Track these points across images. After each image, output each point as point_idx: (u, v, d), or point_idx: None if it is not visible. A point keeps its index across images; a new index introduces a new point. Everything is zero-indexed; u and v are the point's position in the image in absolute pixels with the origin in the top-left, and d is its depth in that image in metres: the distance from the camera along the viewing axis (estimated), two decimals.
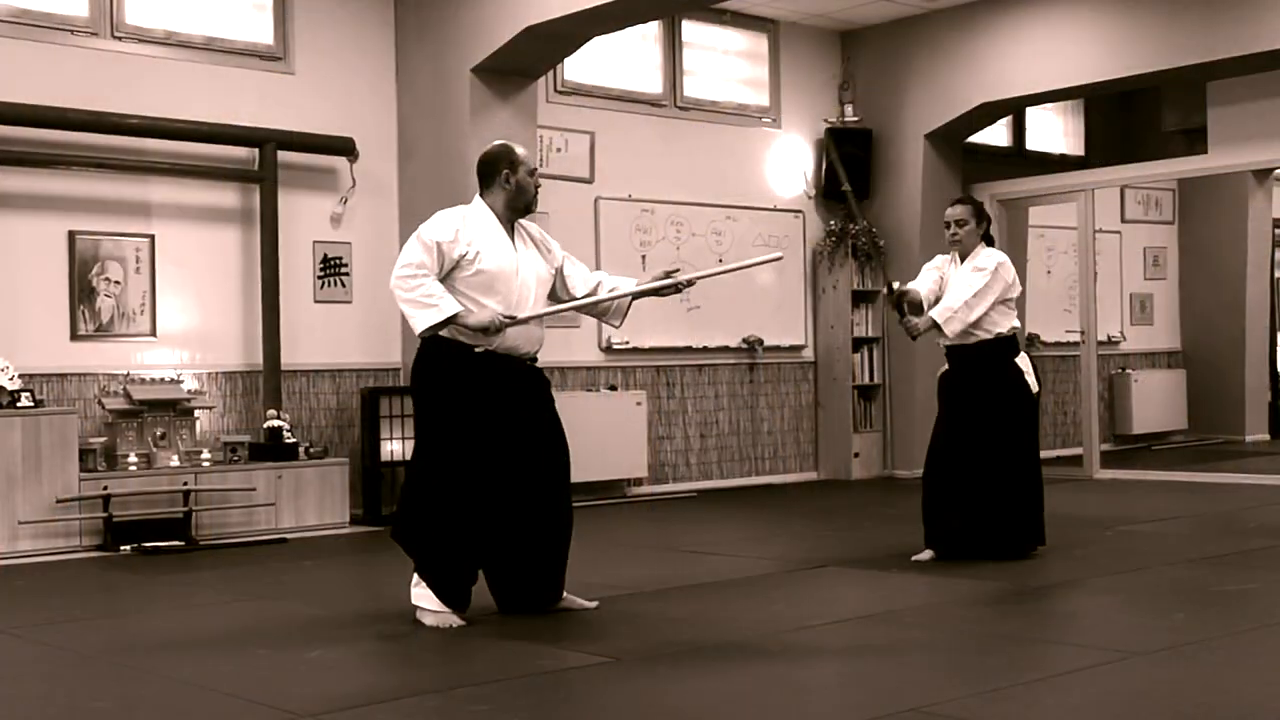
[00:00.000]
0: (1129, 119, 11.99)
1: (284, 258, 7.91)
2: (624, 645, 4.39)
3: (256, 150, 7.87)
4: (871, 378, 10.37)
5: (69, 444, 6.81)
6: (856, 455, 10.17)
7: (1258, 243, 12.15)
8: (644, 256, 9.39)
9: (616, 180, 9.31)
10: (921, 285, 6.12)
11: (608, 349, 9.25)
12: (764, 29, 10.20)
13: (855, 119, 10.37)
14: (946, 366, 6.19)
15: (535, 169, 4.87)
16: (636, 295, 4.91)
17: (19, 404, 6.75)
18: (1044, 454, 10.76)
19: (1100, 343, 10.48)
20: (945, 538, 5.94)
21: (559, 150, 9.02)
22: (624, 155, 9.34)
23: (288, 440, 7.64)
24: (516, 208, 4.80)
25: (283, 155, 7.91)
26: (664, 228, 9.51)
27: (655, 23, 9.45)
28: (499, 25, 7.73)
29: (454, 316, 4.55)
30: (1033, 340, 11.09)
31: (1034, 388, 6.02)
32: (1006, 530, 5.92)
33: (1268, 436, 12.26)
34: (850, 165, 10.22)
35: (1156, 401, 12.07)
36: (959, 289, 5.92)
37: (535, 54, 7.89)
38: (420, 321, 4.56)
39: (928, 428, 10.22)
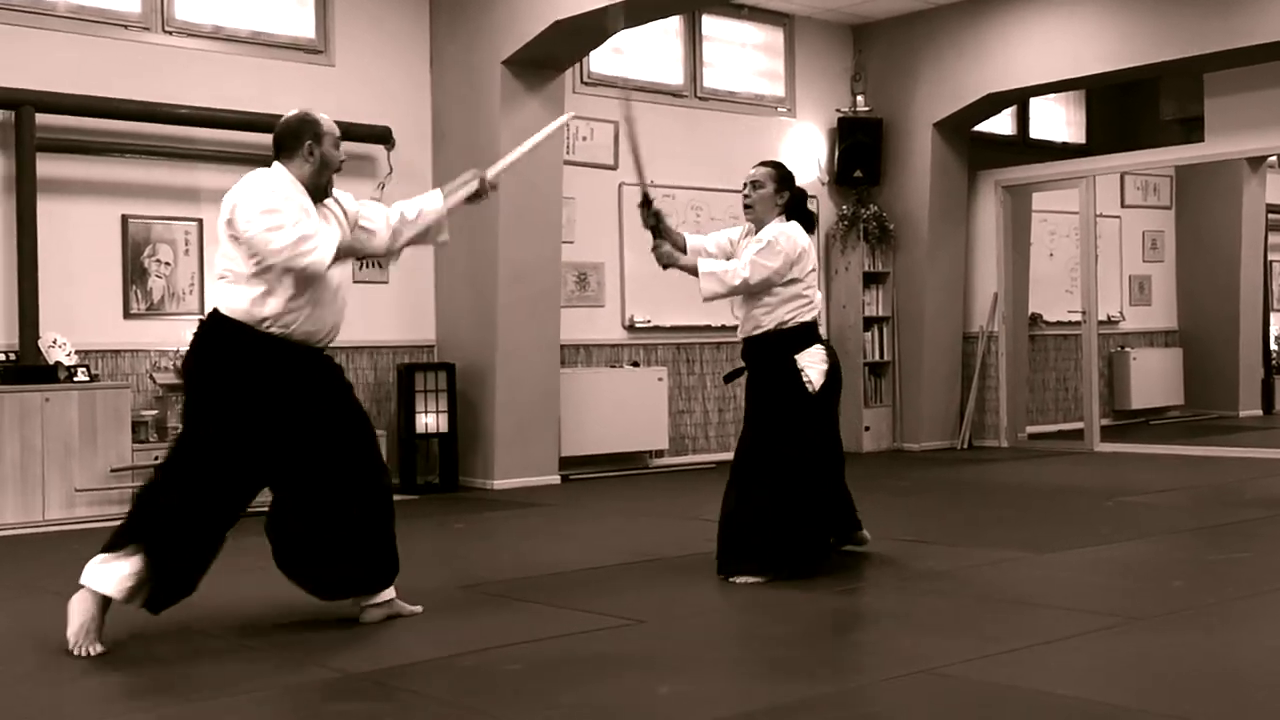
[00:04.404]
0: (1129, 108, 11.88)
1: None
2: (649, 607, 4.39)
3: None
4: (881, 355, 10.34)
5: (122, 416, 6.84)
6: (867, 429, 10.15)
7: (1252, 227, 12.05)
8: None
9: None
10: (703, 240, 5.14)
11: (631, 327, 9.23)
12: (780, 23, 10.13)
13: (866, 109, 10.30)
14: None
15: (340, 139, 4.19)
16: (452, 205, 4.37)
17: (76, 378, 6.78)
18: (1046, 429, 10.97)
19: (1100, 322, 10.41)
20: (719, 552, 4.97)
21: (585, 139, 8.98)
22: (646, 143, 9.20)
23: None
24: (319, 184, 4.13)
25: None
26: (684, 212, 9.47)
27: (677, 17, 9.40)
28: (529, 19, 7.69)
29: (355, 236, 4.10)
30: (1035, 320, 11.04)
31: (813, 385, 4.84)
32: (741, 539, 4.84)
33: (1261, 412, 12.18)
34: (860, 153, 10.21)
35: (1154, 378, 12.00)
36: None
37: (563, 47, 7.86)
38: (325, 252, 3.95)
39: (935, 403, 10.32)
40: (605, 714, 3.22)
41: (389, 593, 4.25)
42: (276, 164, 4.13)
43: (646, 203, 4.95)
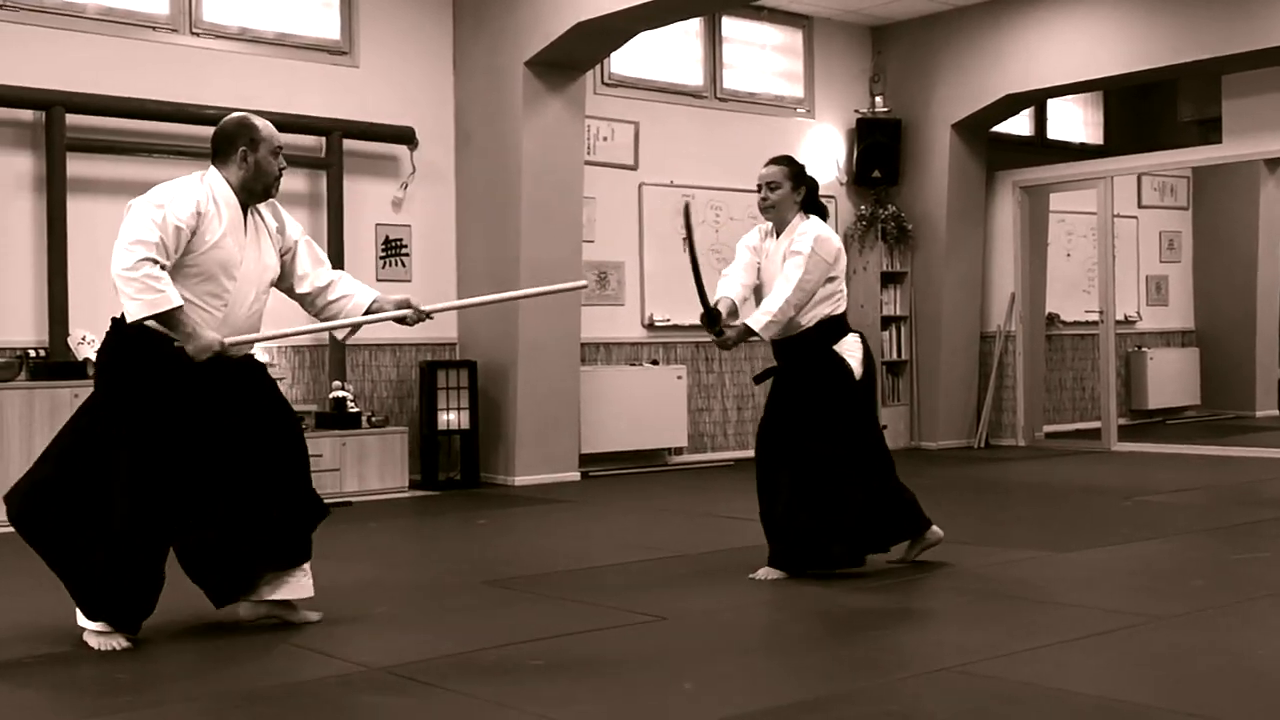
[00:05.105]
0: (1147, 109, 11.82)
1: (348, 239, 7.92)
2: (670, 604, 4.37)
3: (324, 139, 7.87)
4: (899, 354, 10.31)
5: None
6: (885, 427, 9.99)
7: (1269, 228, 11.96)
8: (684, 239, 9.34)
9: (659, 167, 9.27)
10: (734, 279, 4.93)
11: (650, 325, 9.22)
12: (799, 24, 10.11)
13: (885, 110, 10.27)
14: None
15: (280, 148, 4.02)
16: (369, 322, 4.20)
17: None
18: (1063, 428, 10.91)
19: (1118, 322, 10.35)
20: (782, 552, 4.81)
21: (605, 139, 8.98)
22: (666, 144, 9.30)
23: (351, 410, 7.67)
24: (254, 190, 3.97)
25: (348, 144, 7.92)
26: (704, 212, 9.45)
27: (697, 19, 9.38)
28: (551, 21, 7.69)
29: (175, 313, 3.71)
30: (1052, 319, 10.99)
31: (857, 372, 4.81)
32: (813, 536, 4.73)
33: (1277, 412, 12.08)
34: (879, 154, 10.17)
35: (1171, 378, 11.93)
36: (776, 285, 4.79)
37: (585, 48, 7.85)
38: (136, 308, 3.69)
39: (952, 402, 10.28)
40: (630, 709, 3.21)
41: (268, 592, 3.98)
42: (211, 168, 3.97)
43: (713, 320, 4.77)
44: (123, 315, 3.84)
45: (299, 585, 4.03)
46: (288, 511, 4.00)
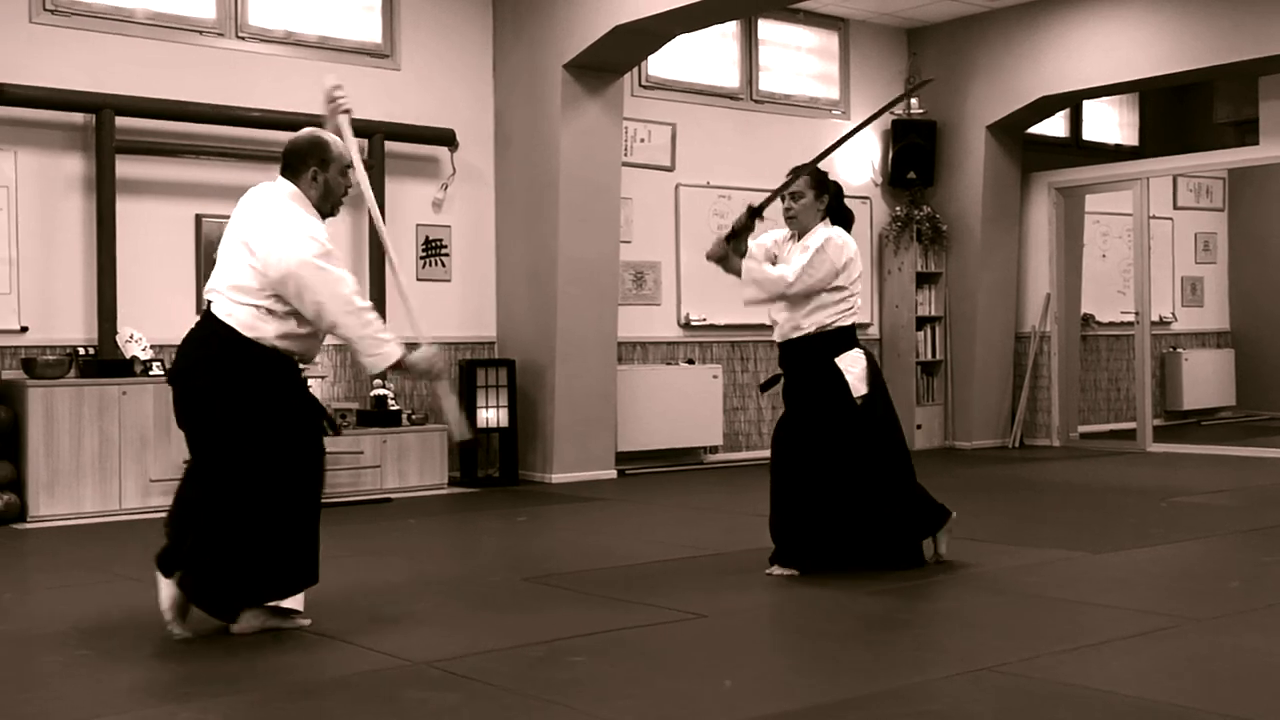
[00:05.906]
0: (1182, 111, 11.72)
1: (389, 240, 7.94)
2: (709, 602, 4.39)
3: (365, 141, 7.92)
4: (933, 354, 10.28)
5: None
6: (919, 427, 10.09)
7: None
8: None
9: (696, 168, 9.27)
10: (755, 244, 4.95)
11: (686, 325, 9.23)
12: (835, 27, 10.09)
13: (921, 111, 10.23)
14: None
15: (349, 165, 4.02)
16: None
17: (151, 372, 6.88)
18: (1098, 428, 10.84)
19: (1153, 323, 10.28)
20: (800, 552, 4.84)
21: (643, 140, 8.99)
22: (703, 145, 9.30)
23: (392, 408, 7.72)
24: (323, 209, 4.00)
25: (389, 145, 7.97)
26: (739, 212, 9.43)
27: (733, 21, 9.38)
28: (590, 24, 7.71)
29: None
30: (1087, 320, 10.92)
31: (858, 391, 4.76)
32: (864, 540, 4.85)
33: None
34: (914, 155, 10.14)
35: (1206, 379, 11.84)
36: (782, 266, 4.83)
37: (623, 51, 7.87)
38: (385, 358, 3.86)
39: (987, 402, 10.23)
40: (671, 706, 3.22)
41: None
42: (284, 181, 3.97)
43: (754, 215, 4.82)
44: (221, 325, 3.86)
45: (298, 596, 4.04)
46: (313, 533, 4.04)
